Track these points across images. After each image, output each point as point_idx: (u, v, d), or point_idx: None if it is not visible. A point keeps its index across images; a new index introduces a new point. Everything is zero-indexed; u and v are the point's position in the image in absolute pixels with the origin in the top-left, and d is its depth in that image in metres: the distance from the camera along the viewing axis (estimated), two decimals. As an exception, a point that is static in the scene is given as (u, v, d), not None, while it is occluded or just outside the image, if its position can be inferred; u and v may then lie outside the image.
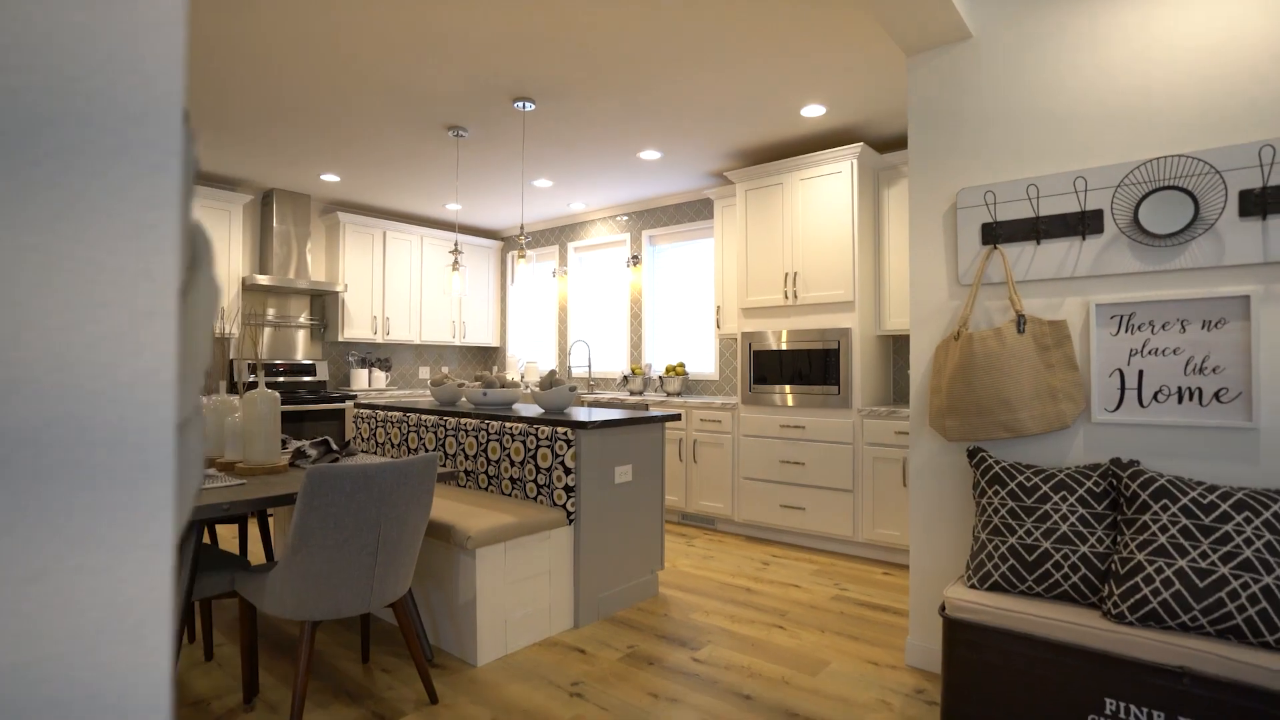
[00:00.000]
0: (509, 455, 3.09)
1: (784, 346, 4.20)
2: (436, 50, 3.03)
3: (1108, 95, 2.10)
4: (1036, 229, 2.20)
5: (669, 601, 3.17)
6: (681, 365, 5.27)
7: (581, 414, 3.23)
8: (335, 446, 2.70)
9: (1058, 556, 1.91)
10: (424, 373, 6.78)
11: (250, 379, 5.28)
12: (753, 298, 4.38)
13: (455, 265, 3.92)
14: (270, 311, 5.59)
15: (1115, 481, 1.94)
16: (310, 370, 5.69)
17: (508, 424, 3.11)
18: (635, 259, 5.89)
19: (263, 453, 2.41)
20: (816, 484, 4.03)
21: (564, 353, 6.55)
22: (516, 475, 3.05)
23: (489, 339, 6.97)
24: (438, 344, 6.49)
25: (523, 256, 3.59)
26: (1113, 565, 1.83)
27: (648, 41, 2.95)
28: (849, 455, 3.91)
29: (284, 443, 2.95)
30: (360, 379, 5.91)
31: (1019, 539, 1.99)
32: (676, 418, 3.33)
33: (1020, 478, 2.09)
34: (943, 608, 2.03)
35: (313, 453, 2.60)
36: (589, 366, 6.17)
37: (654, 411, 3.46)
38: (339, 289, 5.54)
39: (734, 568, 3.72)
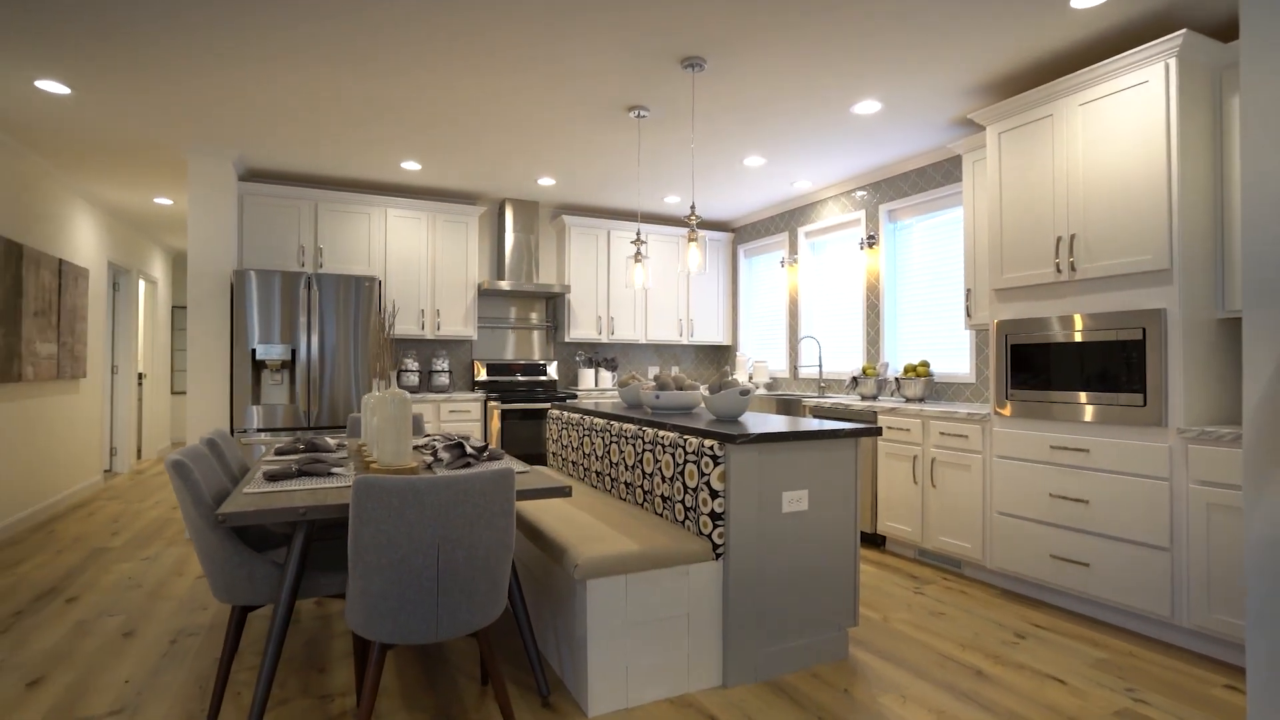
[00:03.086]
0: (660, 469, 2.67)
1: (1056, 338, 3.05)
2: (584, 15, 2.75)
3: None
4: None
5: (859, 671, 2.44)
6: (924, 364, 4.27)
7: (752, 423, 2.67)
8: (472, 449, 2.58)
9: None
10: (651, 372, 6.70)
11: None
12: (1010, 275, 3.28)
13: (637, 257, 3.63)
14: (532, 316, 6.00)
15: None
16: (541, 370, 5.98)
17: (661, 432, 2.70)
18: (871, 240, 4.99)
19: (392, 454, 2.37)
20: (1108, 532, 2.83)
21: (794, 351, 5.89)
22: (667, 493, 2.63)
23: (719, 337, 6.61)
24: (664, 343, 6.34)
25: (693, 239, 3.14)
26: None
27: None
28: (1164, 496, 2.65)
29: (431, 445, 2.94)
30: (587, 379, 6.03)
31: None
32: (875, 431, 2.56)
33: None
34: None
35: (445, 456, 2.51)
36: (819, 366, 5.43)
37: (840, 423, 2.72)
38: (564, 290, 5.70)
39: (970, 634, 2.77)
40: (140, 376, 7.52)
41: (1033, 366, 3.15)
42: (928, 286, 4.57)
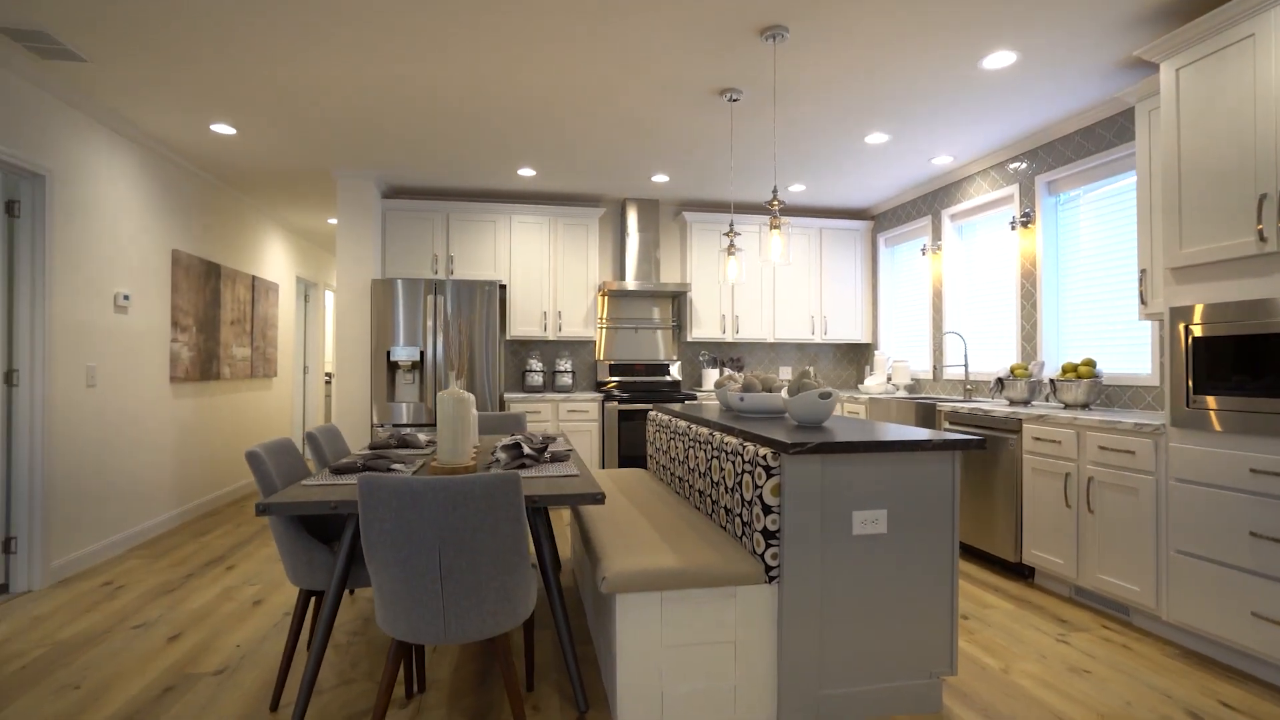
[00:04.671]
0: (724, 478, 2.46)
1: (1261, 330, 2.34)
2: None
3: None
4: None
5: (950, 730, 2.04)
6: (1088, 363, 3.54)
7: (836, 430, 2.36)
8: (530, 449, 2.55)
9: None
10: (784, 373, 6.34)
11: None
12: (1191, 249, 2.59)
13: (730, 250, 3.41)
14: (656, 315, 6.00)
15: None
16: (664, 370, 5.90)
17: (727, 438, 2.48)
18: (1026, 218, 4.27)
19: (449, 453, 2.41)
20: (1335, 589, 2.11)
21: (938, 349, 5.24)
22: (729, 504, 2.41)
23: (857, 334, 6.09)
24: (794, 341, 5.97)
25: (775, 227, 2.85)
26: None
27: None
28: None
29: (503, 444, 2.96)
30: (710, 379, 5.85)
31: None
32: (977, 444, 2.14)
33: None
34: None
35: (503, 456, 2.51)
36: (965, 365, 4.76)
37: (930, 432, 2.30)
38: (686, 289, 5.57)
39: (1119, 703, 2.21)
40: (329, 376, 8.63)
41: (1224, 365, 2.45)
42: (1097, 269, 3.79)
